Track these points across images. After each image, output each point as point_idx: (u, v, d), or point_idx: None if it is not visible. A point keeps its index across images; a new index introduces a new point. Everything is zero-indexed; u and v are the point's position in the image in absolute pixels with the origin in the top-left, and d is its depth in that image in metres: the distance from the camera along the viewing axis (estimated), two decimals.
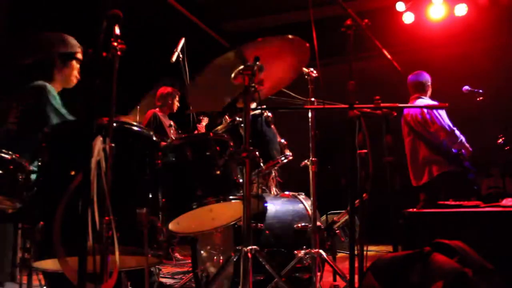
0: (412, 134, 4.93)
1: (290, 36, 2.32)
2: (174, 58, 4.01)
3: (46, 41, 2.97)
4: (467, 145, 4.78)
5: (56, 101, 2.82)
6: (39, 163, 2.21)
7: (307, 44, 2.38)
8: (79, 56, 3.04)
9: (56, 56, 2.95)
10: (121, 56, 1.86)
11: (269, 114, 3.16)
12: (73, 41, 3.04)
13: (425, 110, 4.78)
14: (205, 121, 5.45)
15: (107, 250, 1.73)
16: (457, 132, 4.75)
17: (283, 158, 3.09)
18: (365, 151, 2.41)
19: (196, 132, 4.29)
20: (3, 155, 2.24)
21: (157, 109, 5.63)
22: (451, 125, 4.74)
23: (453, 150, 4.77)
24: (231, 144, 2.63)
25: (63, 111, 2.81)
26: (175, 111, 5.76)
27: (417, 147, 4.90)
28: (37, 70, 2.92)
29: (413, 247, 2.09)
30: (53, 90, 2.87)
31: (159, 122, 5.42)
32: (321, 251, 2.82)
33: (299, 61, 2.54)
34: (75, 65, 3.03)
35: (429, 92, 5.01)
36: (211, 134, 2.64)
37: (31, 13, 5.54)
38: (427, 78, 5.04)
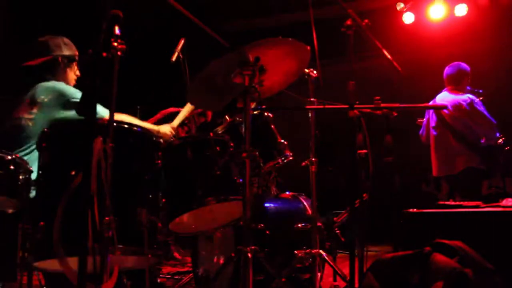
0: (443, 125, 4.92)
1: (290, 39, 2.31)
2: (174, 58, 4.00)
3: (51, 44, 3.07)
4: None
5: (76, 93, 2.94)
6: (39, 163, 2.21)
7: (308, 47, 2.37)
8: (77, 58, 3.18)
9: (61, 58, 3.05)
10: (121, 56, 1.87)
11: (269, 114, 3.16)
12: (72, 44, 3.16)
13: (464, 104, 4.77)
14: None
15: (107, 250, 1.73)
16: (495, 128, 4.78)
17: (283, 158, 3.09)
18: (365, 151, 2.41)
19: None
20: (3, 155, 2.25)
21: None
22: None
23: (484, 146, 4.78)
24: (231, 144, 2.63)
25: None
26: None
27: (446, 138, 4.90)
28: (43, 71, 3.01)
29: (413, 247, 2.09)
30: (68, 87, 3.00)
31: None
32: (321, 251, 2.82)
33: (299, 64, 2.53)
34: (74, 66, 3.17)
35: (465, 83, 4.98)
36: (211, 134, 2.64)
37: (30, 12, 5.54)
38: (461, 69, 5.00)
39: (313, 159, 2.93)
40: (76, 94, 2.91)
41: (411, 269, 1.99)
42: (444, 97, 4.95)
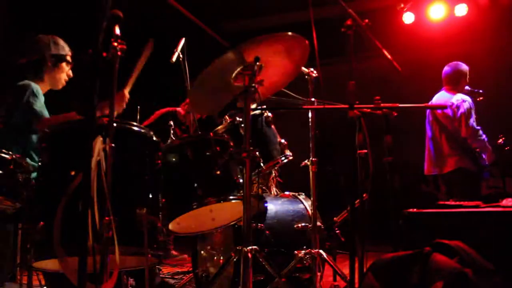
0: (437, 124, 4.93)
1: (289, 33, 2.30)
2: (174, 59, 3.99)
3: (40, 43, 3.01)
4: (489, 147, 4.79)
5: (39, 100, 2.87)
6: (39, 163, 2.21)
7: (306, 41, 2.36)
8: (69, 59, 3.12)
9: (48, 57, 3.00)
10: (121, 56, 1.87)
11: (269, 114, 3.16)
12: (64, 44, 3.11)
13: (455, 104, 4.77)
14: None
15: (107, 250, 1.73)
16: (481, 132, 4.76)
17: (283, 158, 3.09)
18: (365, 151, 2.41)
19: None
20: (3, 155, 2.24)
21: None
22: (475, 124, 4.75)
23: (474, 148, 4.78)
24: (231, 144, 2.63)
25: (43, 111, 2.86)
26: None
27: (439, 138, 4.90)
28: (28, 70, 2.98)
29: (413, 247, 2.09)
30: (37, 88, 2.92)
31: None
32: (321, 251, 2.82)
33: (298, 59, 2.52)
34: (65, 67, 3.09)
35: (463, 83, 4.97)
36: (211, 134, 2.64)
37: (30, 12, 5.54)
38: (461, 69, 4.99)
39: (313, 159, 2.93)
40: (36, 100, 2.83)
41: (411, 269, 1.99)
42: (440, 97, 4.96)
